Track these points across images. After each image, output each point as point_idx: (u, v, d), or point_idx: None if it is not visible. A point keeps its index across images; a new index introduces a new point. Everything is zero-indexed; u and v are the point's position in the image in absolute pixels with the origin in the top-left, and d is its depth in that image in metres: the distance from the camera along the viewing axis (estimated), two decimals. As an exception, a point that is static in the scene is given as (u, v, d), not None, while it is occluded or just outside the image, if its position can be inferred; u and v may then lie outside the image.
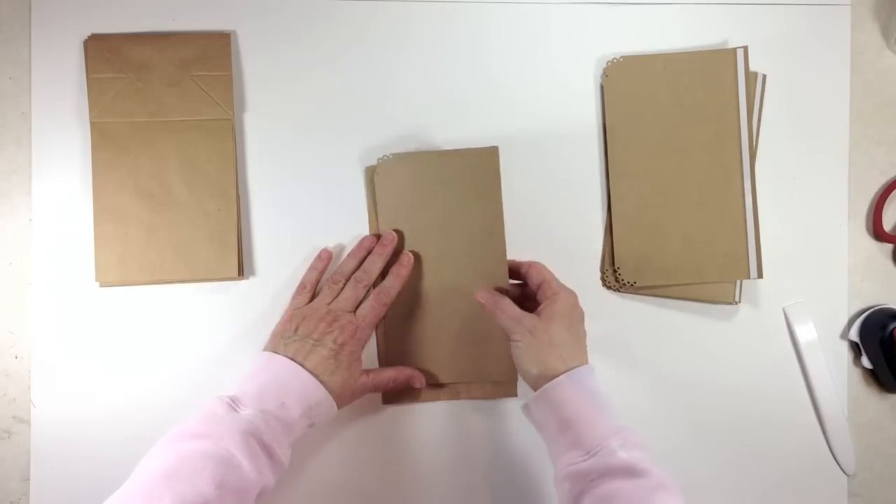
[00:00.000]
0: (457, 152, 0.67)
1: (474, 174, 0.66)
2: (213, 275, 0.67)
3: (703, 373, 0.71)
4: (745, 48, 0.69)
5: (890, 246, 0.73)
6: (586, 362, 0.58)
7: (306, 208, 0.70)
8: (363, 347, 0.63)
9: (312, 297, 0.66)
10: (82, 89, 0.68)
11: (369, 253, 0.66)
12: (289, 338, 0.61)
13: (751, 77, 0.69)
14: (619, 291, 0.70)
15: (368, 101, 0.70)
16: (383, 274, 0.66)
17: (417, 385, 0.66)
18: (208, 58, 0.68)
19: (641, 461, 0.52)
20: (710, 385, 0.71)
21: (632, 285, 0.69)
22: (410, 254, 0.66)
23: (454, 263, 0.66)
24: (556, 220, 0.71)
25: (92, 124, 0.67)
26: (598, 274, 0.71)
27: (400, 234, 0.67)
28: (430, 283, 0.67)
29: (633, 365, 0.70)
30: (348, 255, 0.67)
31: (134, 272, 0.66)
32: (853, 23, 0.73)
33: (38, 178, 0.68)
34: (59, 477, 0.67)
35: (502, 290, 0.65)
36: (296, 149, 0.70)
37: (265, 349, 0.62)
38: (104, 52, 0.67)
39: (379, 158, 0.67)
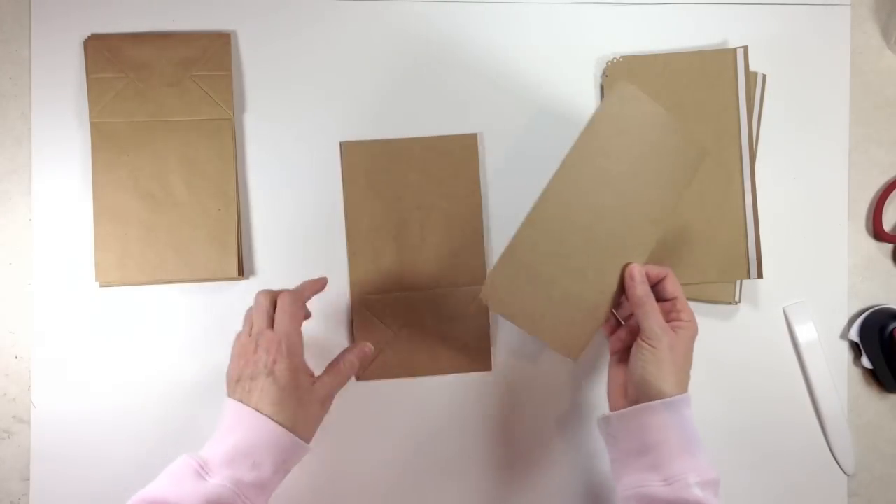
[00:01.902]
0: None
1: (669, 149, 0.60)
2: (213, 275, 0.67)
3: (702, 373, 0.70)
4: (745, 48, 0.69)
5: (890, 246, 0.73)
6: (687, 391, 0.57)
7: (306, 208, 0.70)
8: (300, 355, 0.58)
9: None
10: (82, 89, 0.68)
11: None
12: (234, 383, 0.57)
13: (751, 77, 0.69)
14: (619, 291, 0.71)
15: (368, 101, 0.70)
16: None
17: (367, 351, 0.63)
18: (208, 58, 0.68)
19: (713, 501, 0.52)
20: (710, 385, 0.71)
21: (632, 285, 0.69)
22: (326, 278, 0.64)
23: (609, 231, 0.59)
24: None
25: (92, 124, 0.67)
26: (598, 274, 0.71)
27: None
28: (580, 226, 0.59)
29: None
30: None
31: (134, 272, 0.67)
32: (853, 23, 0.73)
33: (38, 178, 0.68)
34: (59, 477, 0.67)
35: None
36: (296, 149, 0.70)
37: (227, 395, 0.58)
38: (104, 52, 0.67)
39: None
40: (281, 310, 0.59)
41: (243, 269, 0.69)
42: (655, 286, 0.59)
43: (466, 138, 0.70)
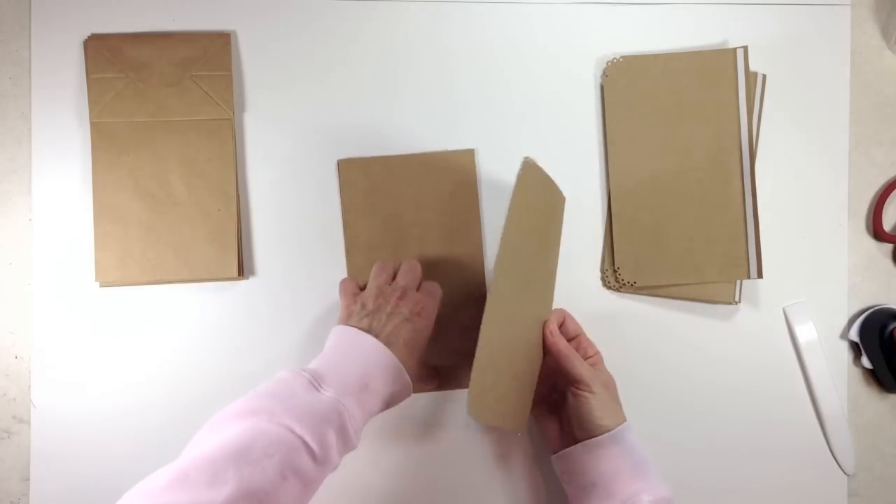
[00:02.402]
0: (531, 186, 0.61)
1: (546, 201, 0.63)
2: (213, 275, 0.67)
3: (702, 373, 0.71)
4: (745, 48, 0.69)
5: (890, 246, 0.73)
6: (625, 419, 0.59)
7: (306, 208, 0.70)
8: (432, 328, 0.60)
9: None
10: (82, 89, 0.68)
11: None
12: (360, 313, 0.58)
13: (751, 77, 0.69)
14: (619, 291, 0.70)
15: (368, 101, 0.70)
16: None
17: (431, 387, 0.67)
18: (208, 58, 0.68)
19: None
20: (710, 385, 0.71)
21: (632, 285, 0.69)
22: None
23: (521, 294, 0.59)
24: (556, 220, 0.71)
25: (92, 124, 0.67)
26: (598, 274, 0.71)
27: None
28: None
29: (632, 365, 0.70)
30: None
31: (134, 272, 0.66)
32: (853, 23, 0.73)
33: (38, 178, 0.68)
34: (59, 477, 0.67)
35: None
36: (296, 148, 0.70)
37: (342, 323, 0.59)
38: (104, 52, 0.67)
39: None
40: (429, 290, 0.62)
41: (243, 269, 0.69)
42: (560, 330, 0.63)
43: (463, 154, 0.69)
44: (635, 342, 0.70)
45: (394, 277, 0.62)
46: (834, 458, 0.71)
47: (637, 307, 0.71)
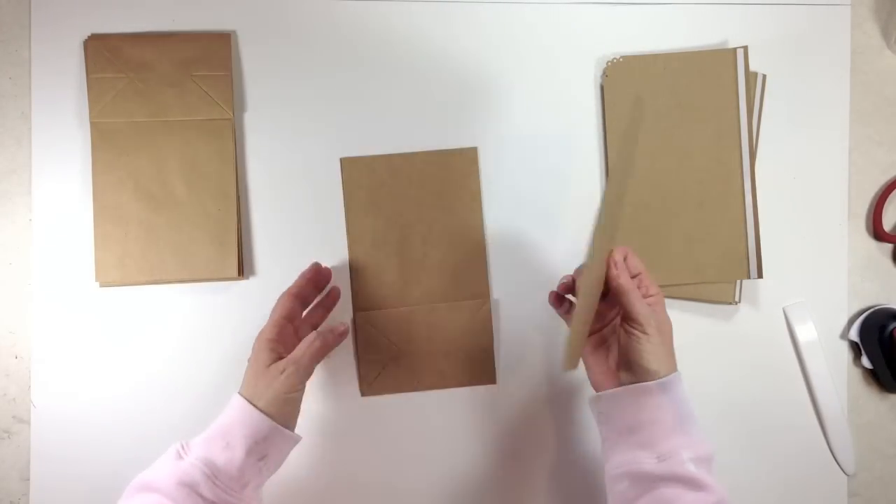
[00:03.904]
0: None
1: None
2: (213, 275, 0.67)
3: (702, 373, 0.71)
4: (745, 48, 0.69)
5: (890, 246, 0.73)
6: (676, 369, 0.56)
7: (306, 208, 0.70)
8: (263, 339, 0.60)
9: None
10: (82, 89, 0.68)
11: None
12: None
13: (751, 77, 0.69)
14: (619, 291, 0.70)
15: (368, 101, 0.70)
16: None
17: (342, 329, 0.63)
18: (208, 58, 0.68)
19: (707, 477, 0.52)
20: (710, 385, 0.71)
21: (632, 285, 0.69)
22: (338, 288, 0.68)
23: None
24: (556, 220, 0.71)
25: (92, 124, 0.67)
26: (598, 274, 0.71)
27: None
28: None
29: (633, 365, 0.70)
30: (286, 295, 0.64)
31: (134, 272, 0.67)
32: (853, 23, 0.73)
33: (38, 178, 0.68)
34: (59, 477, 0.67)
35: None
36: (296, 148, 0.70)
37: None
38: (104, 52, 0.67)
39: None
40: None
41: (243, 269, 0.69)
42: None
43: (467, 152, 0.70)
44: (635, 342, 0.70)
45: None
46: (834, 458, 0.71)
47: (637, 307, 0.71)
